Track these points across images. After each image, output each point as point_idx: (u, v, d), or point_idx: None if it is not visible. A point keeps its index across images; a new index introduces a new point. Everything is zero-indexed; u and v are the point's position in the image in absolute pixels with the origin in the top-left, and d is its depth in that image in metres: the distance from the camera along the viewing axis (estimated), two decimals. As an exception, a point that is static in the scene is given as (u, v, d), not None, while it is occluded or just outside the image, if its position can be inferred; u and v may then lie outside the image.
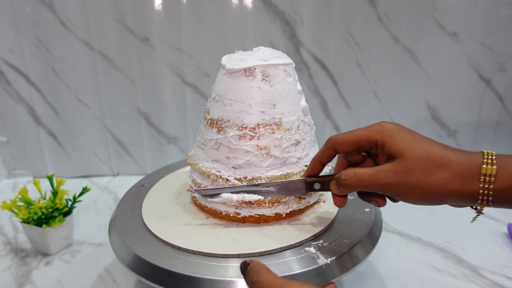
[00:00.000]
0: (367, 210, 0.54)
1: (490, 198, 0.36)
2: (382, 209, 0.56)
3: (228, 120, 0.49)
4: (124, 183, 0.93)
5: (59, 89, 0.89)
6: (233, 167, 0.49)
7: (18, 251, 0.67)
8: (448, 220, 0.75)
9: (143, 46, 0.87)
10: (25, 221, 0.63)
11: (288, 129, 0.49)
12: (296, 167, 0.50)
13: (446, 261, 0.63)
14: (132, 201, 0.58)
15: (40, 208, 0.62)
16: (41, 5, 0.82)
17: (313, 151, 0.53)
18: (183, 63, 0.89)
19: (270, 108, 0.48)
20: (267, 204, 0.49)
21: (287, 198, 0.49)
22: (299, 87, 0.52)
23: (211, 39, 0.86)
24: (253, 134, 0.48)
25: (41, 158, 0.96)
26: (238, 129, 0.48)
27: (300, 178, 0.48)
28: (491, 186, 0.36)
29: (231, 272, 0.42)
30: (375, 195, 0.42)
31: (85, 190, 0.68)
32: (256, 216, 0.50)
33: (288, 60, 0.51)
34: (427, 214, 0.78)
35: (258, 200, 0.48)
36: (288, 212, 0.50)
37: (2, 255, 0.66)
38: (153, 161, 0.98)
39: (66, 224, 0.66)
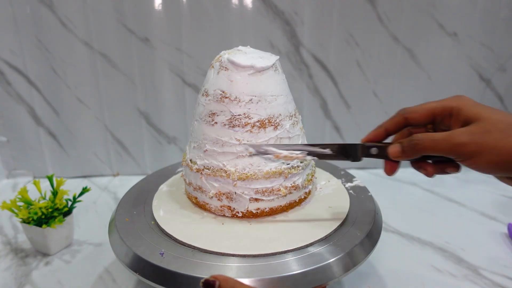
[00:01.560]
0: (365, 197, 0.56)
1: None
2: (382, 209, 0.56)
3: (280, 114, 0.51)
4: (124, 183, 0.93)
5: (59, 89, 0.89)
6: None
7: (18, 251, 0.67)
8: (448, 220, 0.75)
9: (143, 46, 0.87)
10: (25, 221, 0.63)
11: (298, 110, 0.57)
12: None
13: (446, 261, 0.63)
14: (132, 201, 0.58)
15: (40, 208, 0.62)
16: (41, 5, 0.82)
17: None
18: (183, 63, 0.89)
19: (291, 95, 0.55)
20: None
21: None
22: None
23: (211, 39, 0.86)
24: (296, 119, 0.54)
25: (41, 158, 0.96)
26: (289, 119, 0.52)
27: (357, 142, 0.47)
28: None
29: (232, 272, 0.42)
30: (427, 164, 0.41)
31: (85, 190, 0.68)
32: (264, 210, 0.51)
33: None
34: (427, 214, 0.78)
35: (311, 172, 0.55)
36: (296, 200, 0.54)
37: (2, 255, 0.66)
38: (153, 161, 0.98)
39: (66, 224, 0.66)
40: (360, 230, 0.49)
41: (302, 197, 0.55)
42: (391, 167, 0.45)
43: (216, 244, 0.46)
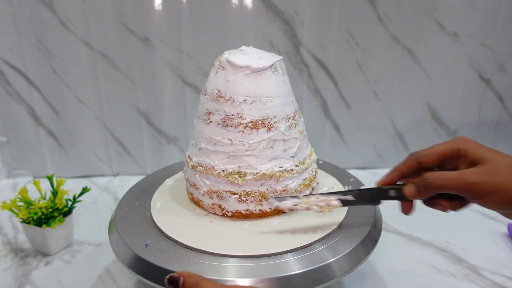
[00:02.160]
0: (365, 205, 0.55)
1: None
2: (382, 209, 0.56)
3: (275, 116, 0.50)
4: (124, 183, 0.93)
5: (59, 89, 0.89)
6: (291, 157, 0.52)
7: (18, 251, 0.67)
8: (448, 220, 0.75)
9: (143, 46, 0.87)
10: (25, 221, 0.63)
11: (301, 112, 0.56)
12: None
13: (446, 261, 0.63)
14: (132, 201, 0.58)
15: (40, 208, 0.62)
16: (41, 5, 0.82)
17: None
18: (183, 63, 0.89)
19: (293, 97, 0.54)
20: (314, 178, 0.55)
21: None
22: None
23: (211, 39, 0.86)
24: (295, 122, 0.53)
25: (41, 158, 0.96)
26: (286, 121, 0.51)
27: (375, 187, 0.49)
28: None
29: (232, 272, 0.42)
30: (441, 199, 0.44)
31: (85, 190, 0.68)
32: (254, 212, 0.51)
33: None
34: (427, 214, 0.77)
35: (310, 177, 0.55)
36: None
37: (2, 255, 0.66)
38: (153, 161, 0.98)
39: (66, 224, 0.66)
40: (360, 230, 0.49)
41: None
42: (408, 207, 0.47)
43: (219, 245, 0.46)
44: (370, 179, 0.61)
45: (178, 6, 0.84)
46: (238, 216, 0.52)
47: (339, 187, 0.61)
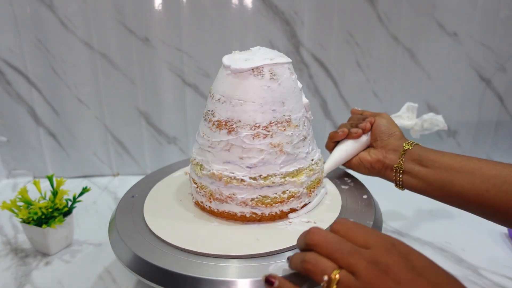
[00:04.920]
0: (365, 197, 0.56)
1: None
2: (382, 209, 0.56)
3: (239, 120, 0.48)
4: (124, 183, 0.93)
5: (59, 89, 0.89)
6: (247, 167, 0.49)
7: (18, 251, 0.67)
8: (448, 220, 0.75)
9: (143, 46, 0.87)
10: (25, 221, 0.63)
11: (297, 126, 0.50)
12: (305, 161, 0.52)
13: (446, 261, 0.63)
14: (132, 201, 0.58)
15: (40, 208, 0.62)
16: (41, 5, 0.82)
17: (315, 145, 0.56)
18: (183, 63, 0.89)
19: (280, 106, 0.49)
20: (285, 200, 0.51)
21: (300, 192, 0.51)
22: (299, 84, 0.53)
23: (211, 39, 0.87)
24: (267, 133, 0.49)
25: (41, 158, 0.96)
26: (251, 129, 0.48)
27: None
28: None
29: (232, 272, 0.42)
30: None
31: (85, 190, 0.68)
32: (271, 214, 0.51)
33: (288, 59, 0.52)
34: (427, 214, 0.78)
35: (274, 198, 0.50)
36: (302, 205, 0.53)
37: (2, 255, 0.66)
38: (153, 161, 0.98)
39: (66, 224, 0.66)
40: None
41: (312, 200, 0.54)
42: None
43: (217, 246, 0.46)
44: (370, 179, 0.61)
45: (178, 6, 0.84)
46: (201, 209, 0.54)
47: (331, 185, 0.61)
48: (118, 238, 0.49)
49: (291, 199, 0.51)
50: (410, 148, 0.54)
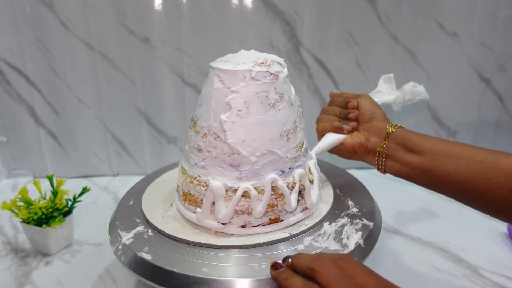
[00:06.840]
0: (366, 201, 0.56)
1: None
2: (382, 209, 0.56)
3: (192, 121, 0.53)
4: (124, 183, 0.93)
5: (59, 89, 0.89)
6: (191, 165, 0.53)
7: (18, 251, 0.67)
8: (448, 220, 0.75)
9: (143, 46, 0.87)
10: (25, 221, 0.63)
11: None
12: None
13: (446, 261, 0.63)
14: (132, 201, 0.58)
15: (40, 208, 0.62)
16: (41, 5, 0.82)
17: None
18: (183, 63, 0.89)
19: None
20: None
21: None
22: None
23: (211, 39, 0.87)
24: (206, 138, 0.52)
25: (41, 158, 0.96)
26: (195, 133, 0.52)
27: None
28: None
29: (231, 272, 0.42)
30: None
31: (85, 190, 0.68)
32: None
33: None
34: (427, 214, 0.78)
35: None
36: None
37: (2, 255, 0.66)
38: (153, 161, 0.98)
39: (66, 224, 0.66)
40: (360, 230, 0.49)
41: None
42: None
43: (217, 242, 0.46)
44: (370, 179, 0.62)
45: (178, 6, 0.84)
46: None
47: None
48: (118, 238, 0.49)
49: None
50: (394, 130, 0.52)
